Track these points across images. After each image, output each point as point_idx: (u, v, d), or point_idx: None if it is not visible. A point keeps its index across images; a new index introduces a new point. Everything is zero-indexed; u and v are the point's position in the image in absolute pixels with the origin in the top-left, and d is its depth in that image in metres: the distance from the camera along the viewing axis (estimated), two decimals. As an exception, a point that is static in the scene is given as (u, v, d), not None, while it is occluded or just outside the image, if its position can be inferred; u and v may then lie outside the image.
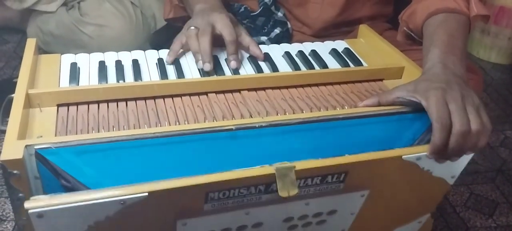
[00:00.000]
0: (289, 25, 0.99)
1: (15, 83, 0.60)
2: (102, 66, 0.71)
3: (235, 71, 0.73)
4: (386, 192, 0.63)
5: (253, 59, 0.76)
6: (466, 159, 0.60)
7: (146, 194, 0.47)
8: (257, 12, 0.98)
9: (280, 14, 0.99)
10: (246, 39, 0.76)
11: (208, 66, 0.70)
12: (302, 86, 0.71)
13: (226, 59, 0.76)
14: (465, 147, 0.57)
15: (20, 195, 0.51)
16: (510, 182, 1.15)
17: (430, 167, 0.59)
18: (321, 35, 0.97)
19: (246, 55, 0.78)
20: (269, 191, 0.53)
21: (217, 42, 0.74)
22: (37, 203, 0.45)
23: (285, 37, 0.98)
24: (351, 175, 0.56)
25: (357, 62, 0.79)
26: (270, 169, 0.51)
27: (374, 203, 0.63)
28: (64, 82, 0.67)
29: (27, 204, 0.45)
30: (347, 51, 0.82)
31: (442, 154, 0.57)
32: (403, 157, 0.56)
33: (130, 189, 0.47)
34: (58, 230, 0.48)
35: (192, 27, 0.73)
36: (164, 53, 0.76)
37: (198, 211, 0.53)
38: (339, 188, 0.57)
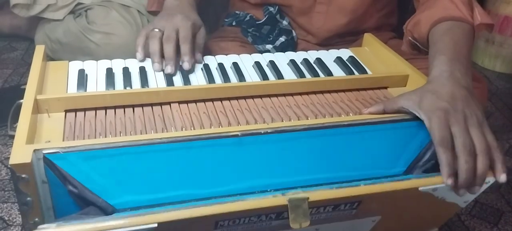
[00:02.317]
0: (294, 34, 1.00)
1: (23, 90, 0.61)
2: (109, 73, 0.71)
3: (240, 76, 0.73)
4: (398, 216, 0.63)
5: (258, 67, 0.77)
6: (483, 186, 0.59)
7: (156, 225, 0.47)
8: (262, 21, 0.99)
9: (285, 22, 1.00)
10: (196, 42, 0.79)
11: (169, 69, 0.72)
12: (307, 93, 0.71)
13: (231, 67, 0.77)
14: (478, 169, 0.56)
15: (28, 199, 0.51)
16: (516, 191, 1.14)
17: (444, 195, 0.58)
18: (326, 44, 0.98)
19: (252, 62, 0.79)
20: (280, 218, 0.53)
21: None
22: None
23: (290, 46, 0.99)
24: (365, 204, 0.56)
25: (362, 70, 0.79)
26: (282, 200, 0.50)
27: (384, 226, 0.63)
28: (72, 88, 0.68)
29: None
30: (352, 59, 0.82)
31: (461, 182, 0.56)
32: (419, 188, 0.55)
33: (139, 219, 0.46)
34: None
35: (156, 30, 0.76)
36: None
37: None
38: (351, 214, 0.57)
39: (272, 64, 0.78)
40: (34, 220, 0.52)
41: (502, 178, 0.58)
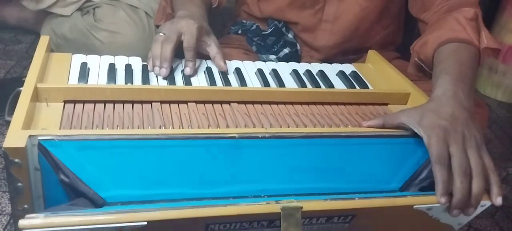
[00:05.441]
0: (298, 47, 1.00)
1: (24, 82, 0.61)
2: (111, 68, 0.71)
3: (242, 82, 0.73)
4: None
5: (261, 74, 0.76)
6: (478, 209, 0.58)
7: (145, 223, 0.46)
8: (268, 32, 0.99)
9: (290, 35, 1.00)
10: (213, 50, 0.78)
11: (164, 72, 0.71)
12: (307, 103, 0.71)
13: (233, 72, 0.77)
14: (473, 191, 0.56)
15: (19, 184, 0.51)
16: (510, 218, 1.13)
17: (439, 215, 0.58)
18: (330, 61, 0.98)
19: (255, 69, 0.79)
20: (272, 226, 0.52)
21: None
22: (32, 222, 0.43)
23: (294, 58, 0.99)
24: (359, 218, 0.55)
25: (363, 86, 0.79)
26: (275, 208, 0.49)
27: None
28: (73, 80, 0.68)
29: (21, 222, 0.43)
30: (354, 74, 0.82)
31: (455, 202, 0.55)
32: (414, 206, 0.55)
33: (129, 217, 0.45)
34: None
35: (161, 34, 0.75)
36: (173, 62, 0.76)
37: None
38: (343, 227, 0.56)
39: (275, 72, 0.78)
40: (23, 207, 0.52)
41: (498, 201, 0.57)
